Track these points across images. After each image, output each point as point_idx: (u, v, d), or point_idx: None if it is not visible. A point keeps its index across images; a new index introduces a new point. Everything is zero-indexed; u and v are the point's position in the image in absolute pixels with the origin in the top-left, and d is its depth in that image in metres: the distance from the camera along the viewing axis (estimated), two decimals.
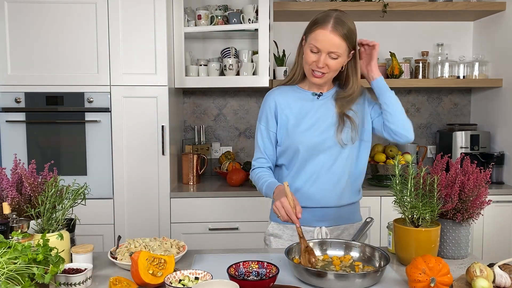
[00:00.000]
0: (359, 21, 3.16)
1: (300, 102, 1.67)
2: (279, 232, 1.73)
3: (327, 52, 1.54)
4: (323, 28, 1.53)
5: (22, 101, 2.58)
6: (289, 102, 1.67)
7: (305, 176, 1.65)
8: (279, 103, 1.67)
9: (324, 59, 1.55)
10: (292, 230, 1.71)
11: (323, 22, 1.54)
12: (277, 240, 1.72)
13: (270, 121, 1.69)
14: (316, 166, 1.64)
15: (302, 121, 1.64)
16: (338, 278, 1.23)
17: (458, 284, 1.24)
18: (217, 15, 2.84)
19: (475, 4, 2.89)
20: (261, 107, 1.73)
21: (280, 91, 1.70)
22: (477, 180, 1.47)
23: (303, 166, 1.65)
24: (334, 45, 1.53)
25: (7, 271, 1.04)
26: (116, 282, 1.23)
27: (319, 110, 1.65)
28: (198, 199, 2.66)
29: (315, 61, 1.56)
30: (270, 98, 1.69)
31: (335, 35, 1.53)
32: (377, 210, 2.68)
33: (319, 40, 1.54)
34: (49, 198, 1.38)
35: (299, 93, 1.69)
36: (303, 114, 1.65)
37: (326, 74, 1.59)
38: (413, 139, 1.67)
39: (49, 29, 2.56)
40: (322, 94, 1.68)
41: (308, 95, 1.68)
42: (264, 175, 1.66)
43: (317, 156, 1.63)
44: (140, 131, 2.62)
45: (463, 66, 3.05)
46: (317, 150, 1.63)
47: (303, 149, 1.63)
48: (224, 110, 3.24)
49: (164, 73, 2.60)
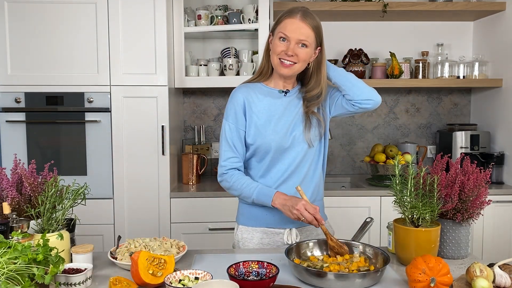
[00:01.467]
0: (359, 21, 3.18)
1: (268, 99, 1.64)
2: (248, 236, 1.69)
3: (296, 40, 1.54)
4: (292, 17, 1.55)
5: (22, 101, 2.58)
6: (258, 99, 1.64)
7: (274, 176, 1.63)
8: (247, 100, 1.64)
9: (293, 48, 1.54)
10: (261, 233, 1.68)
11: (291, 13, 1.56)
12: (246, 245, 1.69)
13: (239, 119, 1.63)
14: (284, 165, 1.62)
15: (271, 118, 1.62)
16: (338, 278, 1.23)
17: (458, 284, 1.24)
18: (217, 15, 2.84)
19: (475, 4, 2.89)
20: (228, 104, 1.67)
21: (247, 88, 1.67)
22: (477, 180, 1.47)
23: (272, 165, 1.63)
24: (303, 34, 1.54)
25: (7, 271, 1.04)
26: (116, 282, 1.23)
27: (287, 107, 1.64)
28: (198, 199, 2.66)
29: (284, 50, 1.55)
30: (239, 95, 1.65)
31: (304, 24, 1.54)
32: (377, 210, 2.68)
33: (288, 29, 1.54)
34: (49, 198, 1.38)
35: (266, 91, 1.66)
36: (272, 111, 1.63)
37: (294, 64, 1.57)
38: (380, 101, 1.63)
39: (49, 29, 2.56)
40: (289, 91, 1.66)
41: (275, 92, 1.66)
42: (246, 180, 1.61)
43: (285, 154, 1.62)
44: (140, 131, 2.62)
45: (463, 66, 3.05)
46: (286, 148, 1.61)
47: (274, 148, 1.60)
48: (224, 110, 3.23)
49: (164, 73, 2.60)
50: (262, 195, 1.57)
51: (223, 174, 1.64)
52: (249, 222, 1.70)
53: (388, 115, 3.28)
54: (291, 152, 1.62)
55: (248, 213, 1.69)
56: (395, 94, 3.27)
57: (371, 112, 3.26)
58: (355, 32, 3.19)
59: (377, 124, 3.28)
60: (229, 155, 1.64)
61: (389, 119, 3.28)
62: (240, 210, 1.74)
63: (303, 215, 1.45)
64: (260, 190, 1.58)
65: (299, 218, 1.47)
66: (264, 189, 1.59)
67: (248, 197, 1.60)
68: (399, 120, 3.28)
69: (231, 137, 1.64)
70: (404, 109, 3.28)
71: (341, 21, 3.18)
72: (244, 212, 1.71)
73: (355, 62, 2.99)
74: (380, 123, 3.28)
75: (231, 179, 1.62)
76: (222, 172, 1.64)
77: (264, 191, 1.58)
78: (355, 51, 3.02)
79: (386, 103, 3.27)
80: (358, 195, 2.70)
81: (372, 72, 3.04)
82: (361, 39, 3.17)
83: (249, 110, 1.63)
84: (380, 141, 3.28)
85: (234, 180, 1.62)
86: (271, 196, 1.55)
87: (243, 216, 1.72)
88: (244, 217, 1.72)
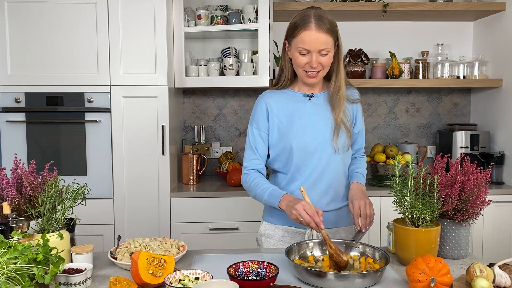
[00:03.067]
0: (359, 21, 3.18)
1: (292, 104, 1.66)
2: (271, 232, 1.72)
3: (317, 51, 1.54)
4: (307, 29, 1.54)
5: (22, 101, 2.58)
6: (281, 104, 1.67)
7: (301, 180, 1.64)
8: (270, 105, 1.67)
9: (316, 59, 1.55)
10: (283, 231, 1.70)
11: (305, 23, 1.54)
12: (268, 241, 1.72)
13: (261, 123, 1.67)
14: (311, 170, 1.63)
15: (294, 122, 1.64)
16: (338, 278, 1.23)
17: (458, 284, 1.24)
18: (217, 15, 2.84)
19: (475, 4, 2.89)
20: (252, 111, 1.73)
21: (271, 94, 1.70)
22: (477, 180, 1.47)
23: (298, 170, 1.64)
24: (322, 43, 1.54)
25: (7, 271, 1.04)
26: (116, 282, 1.23)
27: (312, 111, 1.65)
28: (198, 199, 2.66)
29: (308, 62, 1.56)
30: (261, 101, 1.69)
31: (321, 33, 1.53)
32: (377, 210, 2.68)
33: (306, 42, 1.54)
34: (49, 198, 1.38)
35: (291, 95, 1.68)
36: (296, 115, 1.64)
37: (320, 72, 1.59)
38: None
39: (49, 29, 2.56)
40: (314, 95, 1.67)
41: (299, 96, 1.68)
42: (261, 181, 1.64)
43: (311, 158, 1.62)
44: (140, 131, 2.62)
45: (463, 66, 3.05)
46: (310, 152, 1.62)
47: (296, 150, 1.62)
48: (224, 110, 3.24)
49: (164, 73, 2.60)
50: (272, 197, 1.58)
51: (244, 174, 1.69)
52: (272, 219, 1.73)
53: (388, 115, 3.28)
54: (318, 156, 1.63)
55: (272, 210, 1.71)
56: (395, 94, 3.27)
57: (371, 112, 3.26)
58: (355, 32, 3.19)
59: (377, 124, 3.28)
60: (250, 156, 1.69)
61: (389, 119, 3.28)
62: (266, 206, 1.76)
63: (301, 215, 1.45)
64: (271, 192, 1.59)
65: (298, 219, 1.47)
66: (275, 191, 1.59)
67: (260, 198, 1.63)
68: (399, 120, 3.28)
69: (253, 140, 1.68)
70: (404, 109, 3.28)
71: (341, 21, 3.16)
72: (269, 209, 1.74)
73: (355, 62, 2.99)
74: (380, 123, 3.28)
75: (250, 179, 1.66)
76: (244, 173, 1.70)
77: (275, 193, 1.58)
78: (355, 51, 3.02)
79: (386, 103, 3.27)
80: None
81: (372, 72, 3.04)
82: (361, 39, 3.17)
83: (272, 114, 1.67)
84: (380, 141, 3.28)
85: (251, 180, 1.66)
86: (279, 197, 1.56)
87: (268, 213, 1.75)
88: (268, 214, 1.75)
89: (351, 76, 2.97)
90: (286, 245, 1.67)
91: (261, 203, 1.67)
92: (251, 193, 1.68)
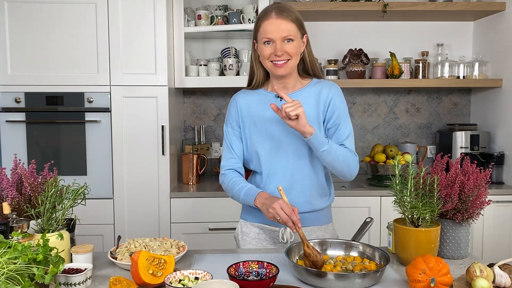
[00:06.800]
0: (359, 21, 3.18)
1: (262, 106, 1.65)
2: (246, 230, 1.73)
3: (280, 38, 1.53)
4: (268, 18, 1.54)
5: (22, 101, 2.58)
6: (250, 105, 1.66)
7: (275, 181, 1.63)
8: (240, 106, 1.68)
9: (281, 46, 1.53)
10: (258, 229, 1.71)
11: (265, 14, 1.56)
12: (244, 238, 1.73)
13: (234, 123, 1.69)
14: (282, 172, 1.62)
15: (261, 125, 1.63)
16: (338, 278, 1.23)
17: (458, 284, 1.24)
18: (217, 15, 2.84)
19: (475, 4, 2.89)
20: (227, 110, 1.73)
21: (243, 94, 1.70)
22: (477, 180, 1.47)
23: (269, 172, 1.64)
24: (284, 30, 1.53)
25: (7, 271, 1.04)
26: (116, 282, 1.23)
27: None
28: (198, 199, 2.66)
29: (272, 52, 1.54)
30: (233, 101, 1.70)
31: (282, 20, 1.53)
32: (377, 210, 2.68)
33: (268, 31, 1.53)
34: (49, 198, 1.38)
35: (263, 95, 1.67)
36: (264, 117, 1.63)
37: (288, 61, 1.56)
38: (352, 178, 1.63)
39: (49, 29, 2.56)
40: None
41: (270, 96, 1.66)
42: (238, 180, 1.63)
43: (279, 161, 1.62)
44: (140, 131, 2.62)
45: (463, 66, 3.05)
46: (276, 155, 1.62)
47: (263, 154, 1.63)
48: (224, 110, 3.24)
49: (164, 73, 2.60)
50: (248, 195, 1.58)
51: (222, 174, 1.70)
52: (248, 217, 1.74)
53: (388, 115, 3.28)
54: (283, 160, 1.62)
55: (248, 209, 1.72)
56: (395, 94, 3.27)
57: (371, 112, 3.26)
58: (355, 32, 3.19)
59: (377, 124, 3.28)
60: (227, 155, 1.70)
61: (389, 119, 3.28)
62: (244, 205, 1.77)
63: (279, 214, 1.44)
64: (247, 191, 1.59)
65: (275, 217, 1.46)
66: (251, 189, 1.59)
67: (237, 197, 1.63)
68: (399, 120, 3.28)
69: (229, 139, 1.70)
70: (404, 109, 3.28)
71: (341, 21, 3.18)
72: (245, 208, 1.75)
73: (355, 62, 2.99)
74: (380, 123, 3.28)
75: (227, 179, 1.67)
76: (222, 173, 1.70)
77: (250, 192, 1.58)
78: (355, 51, 3.02)
79: (386, 103, 3.27)
80: (358, 195, 2.70)
81: (372, 72, 3.04)
82: (361, 39, 3.17)
83: (242, 115, 1.68)
84: (380, 141, 3.28)
85: (228, 180, 1.66)
86: (254, 195, 1.56)
87: (244, 211, 1.77)
88: (244, 212, 1.76)
89: (351, 76, 2.97)
90: (261, 242, 1.70)
91: (239, 202, 1.67)
92: (229, 193, 1.68)
